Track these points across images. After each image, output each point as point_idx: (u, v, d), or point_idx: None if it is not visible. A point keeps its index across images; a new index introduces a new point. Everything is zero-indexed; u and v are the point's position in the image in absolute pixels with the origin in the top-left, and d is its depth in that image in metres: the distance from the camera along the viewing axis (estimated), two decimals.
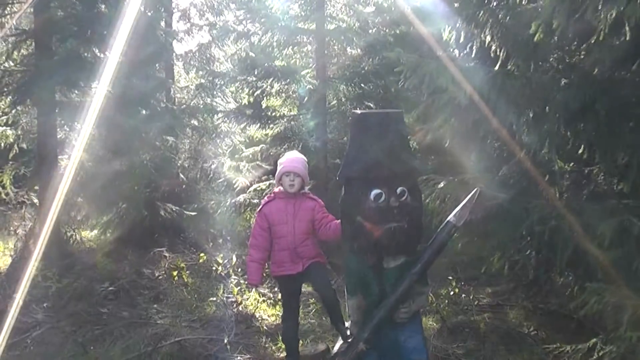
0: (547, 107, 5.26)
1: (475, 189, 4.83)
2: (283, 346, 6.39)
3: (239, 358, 6.69)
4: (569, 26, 4.75)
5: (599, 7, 4.27)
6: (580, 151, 5.69)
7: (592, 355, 4.68)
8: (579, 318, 6.14)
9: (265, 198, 5.93)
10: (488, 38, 5.97)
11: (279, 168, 5.78)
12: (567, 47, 6.09)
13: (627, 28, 4.19)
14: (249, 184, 12.93)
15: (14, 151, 11.01)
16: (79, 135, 10.36)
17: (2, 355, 6.09)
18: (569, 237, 5.13)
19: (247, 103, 13.42)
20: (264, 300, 8.48)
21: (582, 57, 5.93)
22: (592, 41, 4.47)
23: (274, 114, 12.89)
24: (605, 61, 5.37)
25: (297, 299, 6.04)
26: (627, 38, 4.21)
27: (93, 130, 9.22)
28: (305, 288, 6.28)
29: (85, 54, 10.50)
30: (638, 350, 4.05)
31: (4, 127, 10.80)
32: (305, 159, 5.91)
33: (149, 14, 11.87)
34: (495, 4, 6.23)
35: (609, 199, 5.35)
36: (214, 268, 10.11)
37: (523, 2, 5.40)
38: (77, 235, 11.33)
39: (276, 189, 5.87)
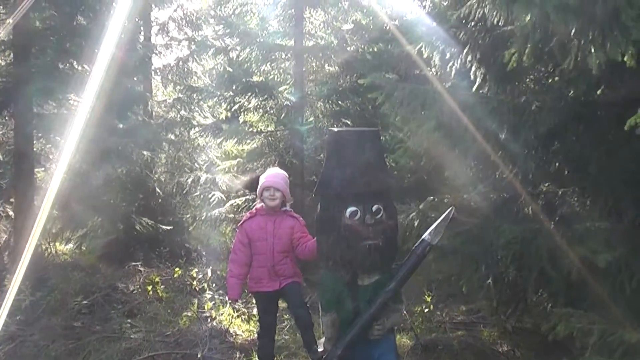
0: (520, 129, 5.31)
1: (450, 208, 4.87)
2: None
3: None
4: (543, 50, 4.80)
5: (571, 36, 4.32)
6: (554, 172, 5.76)
7: None
8: (553, 337, 6.19)
9: (247, 214, 5.95)
10: (467, 58, 6.03)
11: (260, 183, 5.81)
12: (542, 69, 6.15)
13: (594, 63, 4.23)
14: (224, 199, 12.92)
15: None
16: (58, 148, 10.33)
17: None
18: (535, 262, 5.18)
19: (224, 118, 13.42)
20: (238, 316, 8.47)
21: (556, 79, 6.00)
22: (565, 66, 4.51)
23: (251, 129, 12.90)
24: (578, 84, 5.43)
25: (274, 316, 6.04)
26: (594, 72, 4.25)
27: (71, 143, 9.18)
28: (281, 304, 6.28)
29: (64, 66, 10.47)
30: None
31: None
32: (286, 175, 5.93)
33: (128, 26, 11.86)
34: (473, 24, 6.29)
35: (582, 221, 5.39)
36: (188, 283, 10.10)
37: (500, 24, 5.45)
38: (51, 249, 11.27)
39: (258, 205, 5.89)
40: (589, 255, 4.66)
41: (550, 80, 6.15)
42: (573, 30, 4.19)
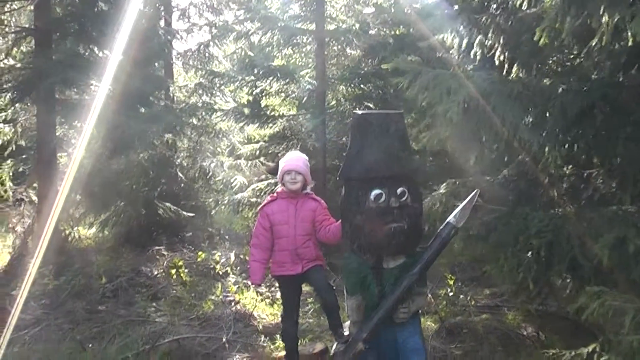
0: (546, 112, 5.26)
1: (474, 191, 4.85)
2: (281, 345, 6.41)
3: (237, 357, 6.71)
4: (571, 30, 4.75)
5: (601, 12, 4.26)
6: (578, 155, 5.71)
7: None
8: (577, 320, 6.14)
9: (268, 197, 5.93)
10: (489, 42, 5.98)
11: (280, 167, 5.79)
12: (566, 51, 6.09)
13: (629, 35, 4.18)
14: (247, 183, 12.94)
15: (12, 148, 11.01)
16: (80, 134, 10.38)
17: (1, 351, 6.09)
18: (566, 249, 5.14)
19: (246, 102, 13.41)
20: (262, 299, 8.48)
21: (581, 60, 5.94)
22: (593, 44, 4.46)
23: (272, 113, 12.89)
24: (604, 65, 5.38)
25: (297, 299, 6.03)
26: (629, 44, 4.20)
27: (92, 129, 9.22)
28: (305, 288, 6.28)
29: (85, 52, 10.51)
30: (638, 355, 4.05)
31: (2, 125, 10.81)
32: (307, 158, 5.91)
33: (149, 12, 11.88)
34: (495, 7, 6.24)
35: (608, 204, 5.35)
36: (212, 267, 10.13)
37: (523, 7, 5.40)
38: (75, 233, 11.33)
39: (279, 189, 5.88)
40: (619, 242, 4.61)
41: (575, 63, 6.10)
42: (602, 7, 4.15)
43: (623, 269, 4.70)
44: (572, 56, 6.20)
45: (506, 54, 5.90)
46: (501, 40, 5.85)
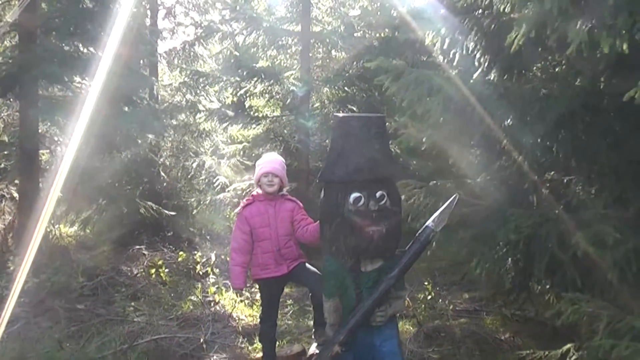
0: (526, 116, 5.29)
1: (454, 195, 4.86)
2: (259, 346, 6.40)
3: (215, 357, 6.71)
4: (549, 37, 4.78)
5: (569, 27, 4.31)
6: (559, 161, 5.75)
7: None
8: (555, 326, 6.17)
9: (244, 201, 5.90)
10: (472, 45, 6.01)
11: (256, 170, 5.79)
12: (549, 57, 6.12)
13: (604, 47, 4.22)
14: (228, 183, 12.93)
15: None
16: (62, 131, 10.35)
17: None
18: (545, 247, 5.16)
19: (230, 103, 13.42)
20: (241, 300, 8.49)
21: (564, 67, 5.98)
22: (568, 52, 4.49)
23: (256, 114, 12.90)
24: (585, 72, 5.41)
25: (278, 301, 6.04)
26: (605, 51, 4.24)
27: (76, 126, 9.19)
28: (285, 289, 6.29)
29: (69, 49, 10.47)
30: (610, 358, 4.09)
31: None
32: (283, 161, 5.92)
33: (135, 10, 11.86)
34: (480, 12, 6.26)
35: (587, 209, 5.38)
36: (192, 267, 10.12)
37: (507, 11, 5.42)
38: (56, 231, 11.29)
39: (255, 192, 5.87)
40: (597, 237, 4.65)
41: (557, 70, 6.13)
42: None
43: (601, 271, 4.73)
44: (554, 63, 6.23)
45: (487, 56, 5.92)
46: (483, 43, 5.87)
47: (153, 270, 9.61)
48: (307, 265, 5.81)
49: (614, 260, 4.66)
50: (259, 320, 6.17)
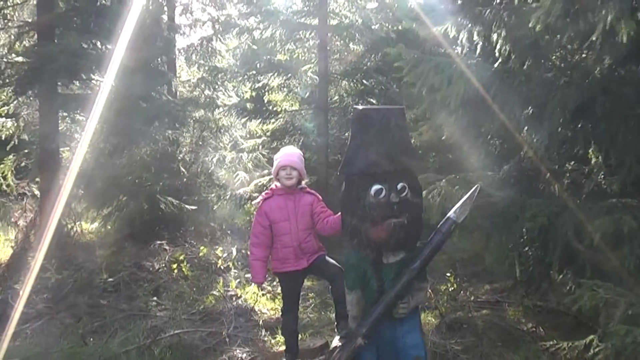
0: (546, 105, 5.26)
1: (475, 186, 4.85)
2: (282, 340, 6.41)
3: (238, 351, 6.72)
4: (569, 24, 4.75)
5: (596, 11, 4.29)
6: (579, 149, 5.72)
7: (588, 352, 4.69)
8: (577, 315, 6.15)
9: (263, 194, 5.88)
10: (493, 37, 5.97)
11: (275, 163, 5.77)
12: (569, 46, 6.08)
13: (623, 34, 4.19)
14: (249, 178, 12.95)
15: (14, 142, 11.01)
16: (83, 128, 10.40)
17: (3, 345, 6.12)
18: (560, 235, 5.15)
19: (248, 97, 13.44)
20: (263, 294, 8.50)
21: (583, 55, 5.94)
22: (594, 38, 4.46)
23: (275, 108, 12.90)
24: (605, 60, 5.38)
25: (299, 294, 6.04)
26: (624, 41, 4.21)
27: (95, 123, 9.23)
28: (305, 282, 6.28)
29: (88, 47, 10.51)
30: (629, 346, 4.06)
31: (5, 119, 10.81)
32: (301, 154, 5.90)
33: (152, 7, 11.89)
34: (498, 2, 6.23)
35: (608, 198, 5.35)
36: (213, 261, 10.14)
37: (528, 1, 5.39)
38: (77, 228, 11.35)
39: (273, 185, 5.86)
40: (613, 224, 4.63)
41: (577, 57, 6.09)
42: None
43: (617, 251, 4.71)
44: (574, 51, 6.19)
45: (507, 46, 5.88)
46: (502, 33, 5.84)
47: (175, 266, 9.64)
48: (327, 258, 5.80)
49: (631, 249, 4.64)
50: (280, 313, 6.18)
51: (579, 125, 5.44)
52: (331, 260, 5.76)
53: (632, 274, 4.69)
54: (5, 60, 10.36)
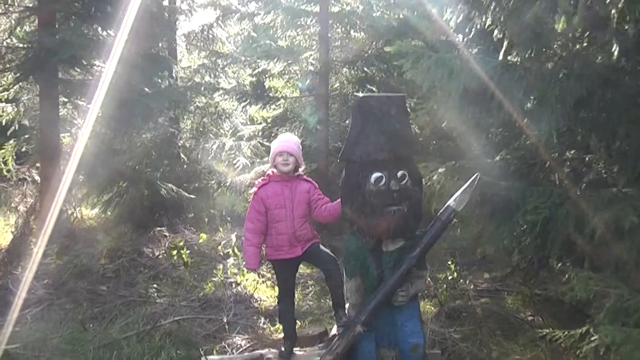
0: (547, 98, 5.24)
1: (475, 174, 4.85)
2: (281, 327, 6.42)
3: (237, 338, 6.74)
4: (575, 13, 4.74)
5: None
6: (579, 138, 5.71)
7: (584, 341, 4.71)
8: (575, 304, 6.16)
9: (260, 180, 5.84)
10: (489, 22, 5.95)
11: (272, 149, 5.74)
12: (570, 35, 6.06)
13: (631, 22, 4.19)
14: (249, 164, 12.93)
15: (14, 127, 10.99)
16: (83, 114, 10.38)
17: (3, 330, 6.14)
18: (561, 228, 5.15)
19: (249, 83, 13.41)
20: (263, 281, 8.52)
21: (585, 45, 5.92)
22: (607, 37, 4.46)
23: (275, 94, 12.88)
24: (610, 50, 5.36)
25: (293, 281, 6.00)
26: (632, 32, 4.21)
27: (97, 109, 9.21)
28: (304, 270, 6.28)
29: (89, 32, 10.48)
30: (617, 337, 4.07)
31: (5, 104, 10.80)
32: (299, 141, 5.87)
33: None
34: None
35: (609, 187, 5.35)
36: (213, 248, 10.15)
37: None
38: (77, 213, 11.35)
39: (269, 172, 5.83)
40: (615, 218, 4.63)
41: (578, 46, 6.07)
42: None
43: (617, 244, 4.72)
44: (574, 40, 6.17)
45: (505, 33, 5.86)
46: (501, 19, 5.80)
47: (175, 252, 9.65)
48: (321, 246, 5.75)
49: (632, 244, 4.65)
50: (277, 301, 6.18)
51: (579, 116, 5.44)
52: (325, 249, 5.72)
53: (632, 267, 4.70)
54: (5, 45, 10.35)
